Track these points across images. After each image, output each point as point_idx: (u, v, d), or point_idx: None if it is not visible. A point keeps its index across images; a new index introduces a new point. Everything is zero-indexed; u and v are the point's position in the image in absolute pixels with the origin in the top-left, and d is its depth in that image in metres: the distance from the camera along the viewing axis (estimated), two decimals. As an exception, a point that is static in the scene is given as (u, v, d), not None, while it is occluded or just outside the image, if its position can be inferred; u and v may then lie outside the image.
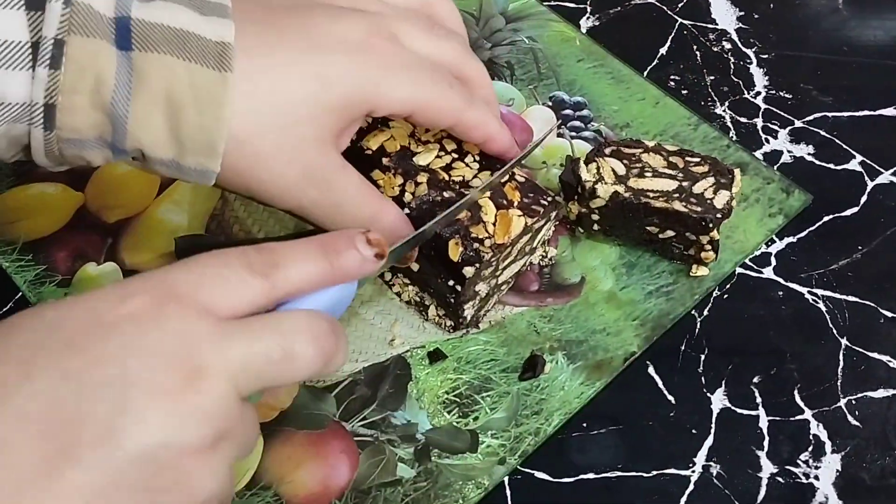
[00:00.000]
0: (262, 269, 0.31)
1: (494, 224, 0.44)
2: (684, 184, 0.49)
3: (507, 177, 0.46)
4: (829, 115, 0.59)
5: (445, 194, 0.44)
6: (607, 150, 0.51)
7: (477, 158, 0.46)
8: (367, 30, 0.38)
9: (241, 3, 0.37)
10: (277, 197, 0.38)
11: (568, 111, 0.58)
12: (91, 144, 0.35)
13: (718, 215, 0.48)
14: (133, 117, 0.34)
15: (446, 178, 0.45)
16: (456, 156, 0.46)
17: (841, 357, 0.49)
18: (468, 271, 0.43)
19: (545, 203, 0.46)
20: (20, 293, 0.49)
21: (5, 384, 0.27)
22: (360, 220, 0.40)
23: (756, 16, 0.64)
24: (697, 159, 0.51)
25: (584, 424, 0.46)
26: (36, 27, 0.33)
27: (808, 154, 0.57)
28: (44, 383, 0.27)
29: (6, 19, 0.32)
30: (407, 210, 0.44)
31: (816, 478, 0.45)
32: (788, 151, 0.57)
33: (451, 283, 0.44)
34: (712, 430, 0.46)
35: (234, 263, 0.31)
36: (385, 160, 0.45)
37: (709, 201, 0.48)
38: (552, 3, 0.64)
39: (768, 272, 0.52)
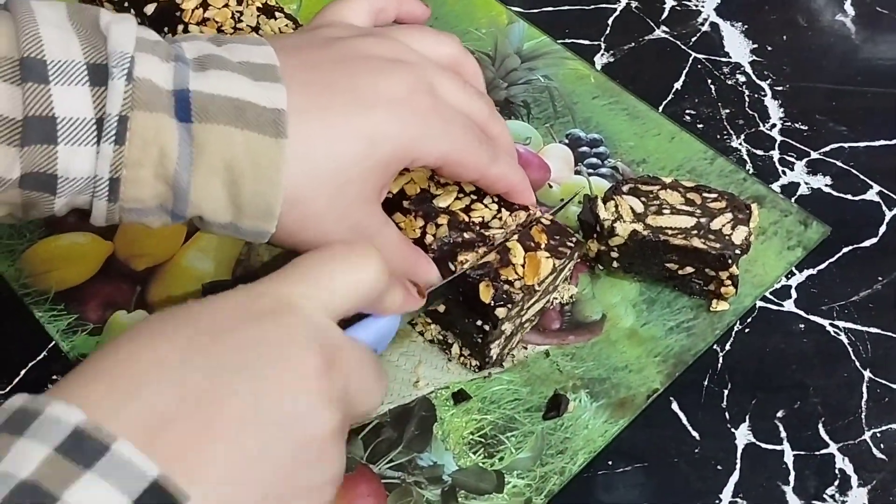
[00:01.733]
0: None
1: (524, 266, 0.44)
2: (702, 220, 0.50)
3: (530, 222, 0.47)
4: (846, 145, 0.59)
5: (466, 235, 0.45)
6: (625, 188, 0.51)
7: (495, 199, 0.47)
8: (410, 85, 0.39)
9: (286, 58, 0.38)
10: None
11: (584, 148, 0.59)
12: (152, 212, 0.36)
13: (737, 251, 0.48)
14: (195, 187, 0.35)
15: (466, 219, 0.46)
16: (475, 197, 0.47)
17: (864, 389, 0.49)
18: (500, 312, 0.44)
19: (571, 245, 0.46)
20: (53, 342, 0.50)
21: (164, 363, 0.29)
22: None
23: (769, 48, 0.65)
24: (715, 195, 0.51)
25: (609, 462, 0.46)
26: (100, 103, 0.34)
27: (826, 185, 0.57)
28: (200, 362, 0.29)
29: (70, 95, 0.33)
30: (430, 252, 0.45)
31: (844, 512, 0.45)
32: (805, 183, 0.57)
33: (479, 323, 0.44)
34: (738, 466, 0.46)
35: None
36: (406, 203, 0.46)
37: (727, 237, 0.49)
38: (566, 41, 0.65)
39: (789, 305, 0.52)
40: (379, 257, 0.35)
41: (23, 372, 0.49)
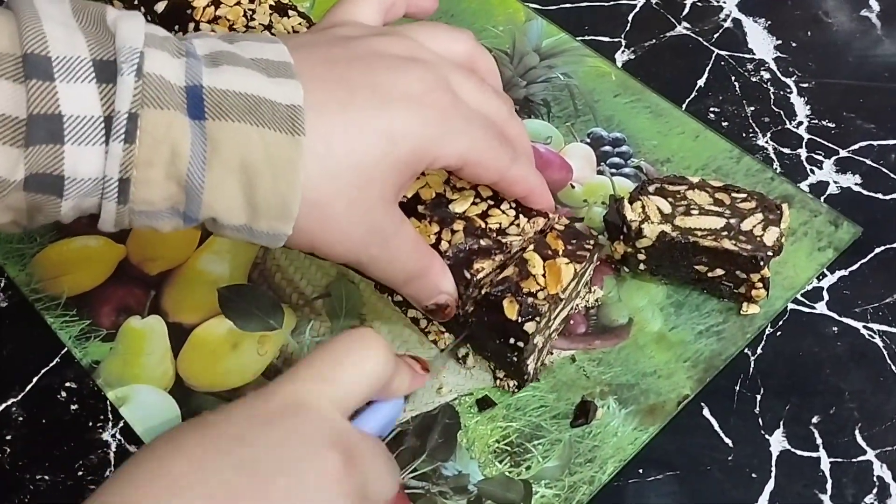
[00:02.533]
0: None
1: (544, 275, 0.43)
2: (732, 221, 0.48)
3: (547, 230, 0.45)
4: (875, 143, 0.58)
5: (482, 242, 0.44)
6: (651, 189, 0.50)
7: (513, 205, 0.45)
8: (429, 83, 0.38)
9: (301, 56, 0.37)
10: (341, 254, 0.38)
11: (607, 147, 0.57)
12: (163, 215, 0.35)
13: (769, 253, 0.47)
14: (208, 187, 0.34)
15: (483, 225, 0.44)
16: (492, 202, 0.45)
17: (901, 394, 0.47)
18: (529, 327, 0.42)
19: (589, 247, 0.45)
20: (65, 348, 0.49)
21: (179, 481, 0.30)
22: (411, 274, 0.40)
23: (794, 44, 0.63)
24: (744, 195, 0.50)
25: (640, 471, 0.45)
26: (108, 100, 0.32)
27: (855, 184, 0.56)
28: (218, 476, 0.30)
29: (77, 93, 0.32)
30: (445, 259, 0.43)
31: (883, 522, 0.43)
32: (835, 182, 0.56)
33: (511, 341, 0.43)
34: (773, 474, 0.45)
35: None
36: (421, 208, 0.45)
37: (758, 238, 0.47)
38: (586, 37, 0.64)
39: (821, 307, 0.50)
40: (384, 344, 0.36)
41: (35, 379, 0.48)
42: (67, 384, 0.48)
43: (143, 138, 0.32)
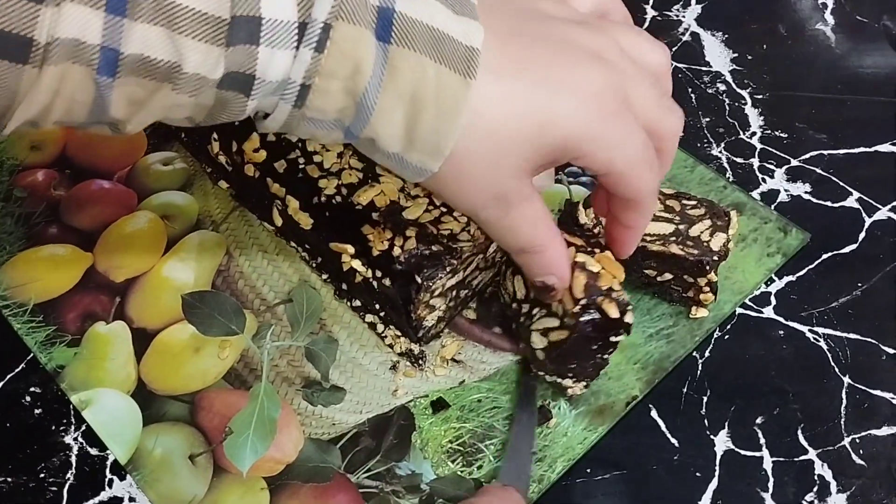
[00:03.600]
0: None
1: (603, 269, 0.44)
2: (681, 227, 0.50)
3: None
4: (825, 152, 0.59)
5: (434, 248, 0.45)
6: None
7: None
8: (604, 84, 0.38)
9: (491, 10, 0.37)
10: (461, 205, 0.38)
11: (565, 157, 0.59)
12: (329, 125, 0.36)
13: (715, 258, 0.48)
14: (378, 110, 0.35)
15: (435, 231, 0.46)
16: (444, 209, 0.47)
17: (844, 395, 0.49)
18: (629, 318, 0.43)
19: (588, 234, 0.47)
20: (31, 354, 0.50)
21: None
22: (524, 247, 0.40)
23: (749, 57, 0.65)
24: (694, 202, 0.51)
25: (588, 470, 0.46)
26: (306, 8, 0.33)
27: (805, 192, 0.57)
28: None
29: None
30: (397, 265, 0.44)
31: (823, 518, 0.45)
32: (785, 190, 0.57)
33: (612, 339, 0.44)
34: (717, 473, 0.46)
35: None
36: (375, 215, 0.46)
37: (705, 244, 0.49)
38: (548, 51, 0.65)
39: (768, 311, 0.52)
40: None
41: (0, 384, 0.49)
42: (32, 389, 0.49)
43: (331, 49, 0.33)
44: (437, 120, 0.35)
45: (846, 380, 0.49)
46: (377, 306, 0.49)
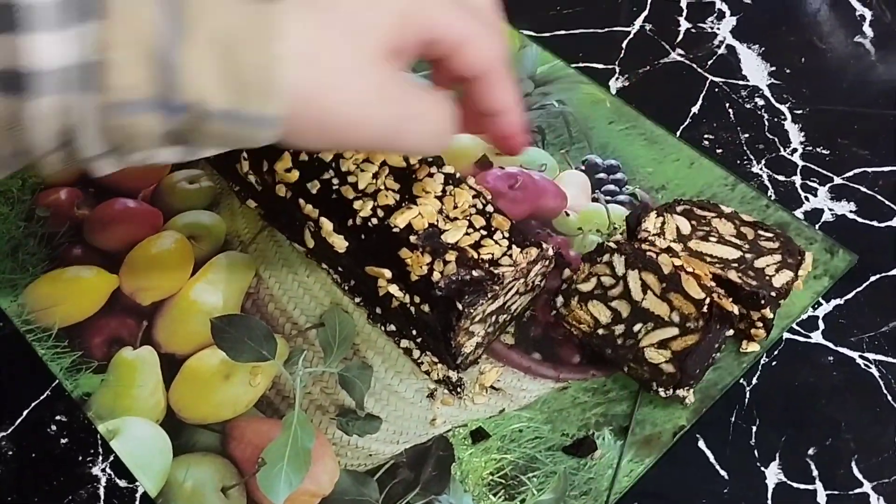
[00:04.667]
0: None
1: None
2: (747, 256, 0.48)
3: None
4: (869, 170, 0.58)
5: (475, 273, 0.43)
6: (679, 208, 0.50)
7: (506, 235, 0.45)
8: None
9: None
10: (359, 124, 0.35)
11: (602, 175, 0.57)
12: (143, 106, 0.31)
13: (773, 293, 0.46)
14: (187, 64, 0.31)
15: (475, 255, 0.44)
16: (485, 233, 0.45)
17: (898, 425, 0.47)
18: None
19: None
20: (56, 381, 0.48)
21: None
22: (437, 129, 0.38)
23: (787, 70, 0.64)
24: (770, 235, 0.50)
25: (636, 503, 0.44)
26: None
27: (850, 211, 0.56)
28: None
29: None
30: (437, 290, 0.43)
31: (881, 556, 0.43)
32: (830, 209, 0.56)
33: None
34: (769, 507, 0.44)
35: None
36: (413, 238, 0.45)
37: (768, 278, 0.47)
38: (580, 64, 0.64)
39: (817, 336, 0.50)
40: None
41: (25, 412, 0.48)
42: (58, 417, 0.47)
43: (112, 16, 0.30)
44: (258, 55, 0.32)
45: (900, 408, 0.47)
46: (414, 332, 0.47)
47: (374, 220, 0.45)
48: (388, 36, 0.35)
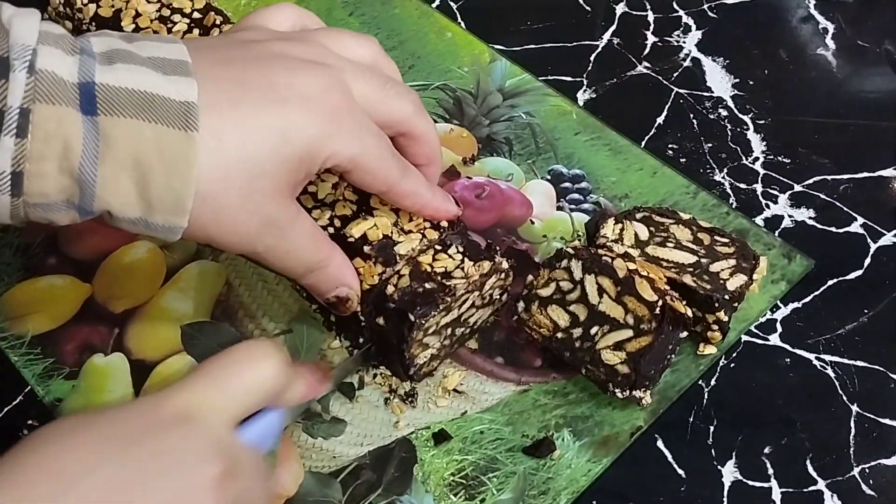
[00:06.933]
0: None
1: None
2: (703, 261, 0.49)
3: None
4: (829, 177, 0.59)
5: (427, 285, 0.44)
6: (639, 215, 0.51)
7: (460, 249, 0.46)
8: (325, 84, 0.39)
9: (200, 56, 0.38)
10: (236, 244, 0.39)
11: (567, 184, 0.59)
12: (58, 207, 0.36)
13: (727, 297, 0.47)
14: (101, 181, 0.35)
15: (429, 268, 0.45)
16: (439, 247, 0.46)
17: (852, 424, 0.48)
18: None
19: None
20: (29, 387, 0.49)
21: (65, 474, 0.30)
22: (309, 265, 0.42)
23: (751, 82, 0.65)
24: (726, 240, 0.51)
25: (594, 503, 0.45)
26: (1, 96, 0.33)
27: (809, 218, 0.57)
28: (106, 473, 0.31)
29: None
30: (390, 303, 0.44)
31: (833, 551, 0.44)
32: (789, 216, 0.57)
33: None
34: (724, 505, 0.45)
35: None
36: (367, 248, 0.46)
37: (722, 282, 0.48)
38: (549, 77, 0.65)
39: (774, 339, 0.51)
40: (279, 354, 0.36)
41: (-3, 417, 0.49)
42: (30, 422, 0.48)
43: (34, 132, 0.33)
44: (169, 178, 0.35)
45: (854, 408, 0.48)
46: (368, 345, 0.48)
47: (331, 230, 0.46)
48: (288, 177, 0.39)
